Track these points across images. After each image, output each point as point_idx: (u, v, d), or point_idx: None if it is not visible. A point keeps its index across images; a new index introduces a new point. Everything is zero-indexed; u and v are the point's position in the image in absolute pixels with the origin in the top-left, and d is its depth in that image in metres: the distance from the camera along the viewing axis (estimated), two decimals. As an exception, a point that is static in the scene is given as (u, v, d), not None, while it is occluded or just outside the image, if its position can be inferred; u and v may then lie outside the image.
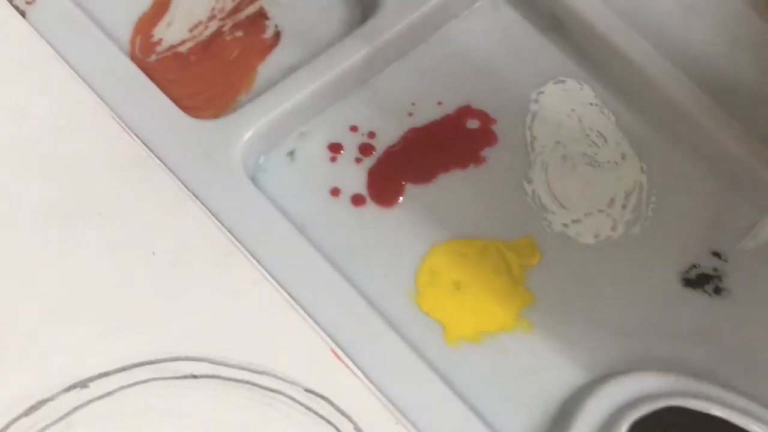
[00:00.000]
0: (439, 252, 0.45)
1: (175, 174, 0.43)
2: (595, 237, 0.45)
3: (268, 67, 0.48)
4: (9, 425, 0.38)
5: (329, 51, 0.47)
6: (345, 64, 0.47)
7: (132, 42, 0.49)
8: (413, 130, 0.48)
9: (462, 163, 0.47)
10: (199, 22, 0.50)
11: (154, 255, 0.42)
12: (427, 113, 0.48)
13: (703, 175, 0.47)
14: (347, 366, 0.40)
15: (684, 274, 0.45)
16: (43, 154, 0.44)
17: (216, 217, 0.42)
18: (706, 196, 0.46)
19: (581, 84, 0.49)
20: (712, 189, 0.46)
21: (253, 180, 0.45)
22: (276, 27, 0.50)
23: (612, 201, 0.46)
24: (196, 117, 0.45)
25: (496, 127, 0.48)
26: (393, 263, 0.44)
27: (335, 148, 0.47)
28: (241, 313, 0.41)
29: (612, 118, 0.48)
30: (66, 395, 0.39)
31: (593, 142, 0.48)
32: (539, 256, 0.45)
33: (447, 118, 0.48)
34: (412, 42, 0.49)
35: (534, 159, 0.47)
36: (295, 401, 0.39)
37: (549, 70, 0.49)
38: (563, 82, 0.49)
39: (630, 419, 0.40)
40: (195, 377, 0.39)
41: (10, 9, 0.47)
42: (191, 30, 0.49)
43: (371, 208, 0.46)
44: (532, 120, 0.48)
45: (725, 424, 0.40)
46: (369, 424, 0.39)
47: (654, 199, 0.46)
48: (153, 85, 0.46)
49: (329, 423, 0.39)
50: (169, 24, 0.49)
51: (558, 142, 0.48)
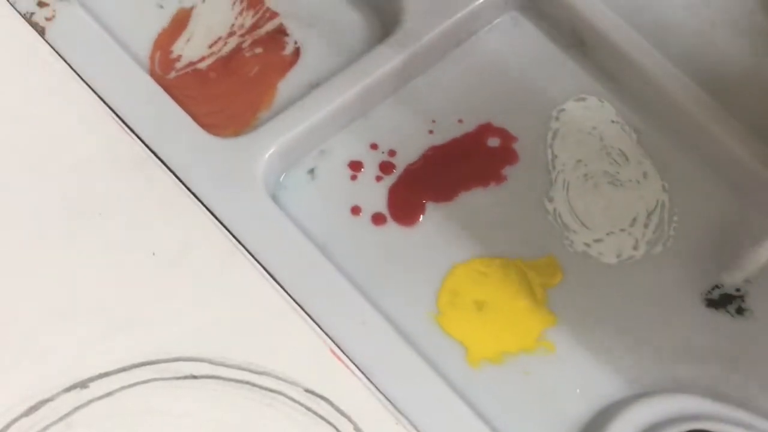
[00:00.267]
0: (461, 271, 0.44)
1: (196, 193, 0.43)
2: (618, 257, 0.45)
3: (288, 84, 0.48)
4: (9, 425, 0.38)
5: (349, 68, 0.47)
6: (365, 81, 0.47)
7: (151, 58, 0.49)
8: (434, 147, 0.47)
9: (483, 182, 0.47)
10: (219, 38, 0.49)
11: (154, 255, 0.42)
12: (448, 131, 0.48)
13: (725, 195, 0.47)
14: (347, 366, 0.40)
15: (707, 294, 0.44)
16: (44, 154, 0.44)
17: (239, 240, 0.42)
18: (728, 215, 0.46)
19: (602, 101, 0.49)
20: (734, 209, 0.46)
21: (274, 198, 0.45)
22: (296, 43, 0.49)
23: (634, 220, 0.46)
24: (216, 135, 0.45)
25: (517, 145, 0.47)
26: (414, 283, 0.44)
27: (355, 166, 0.47)
28: (242, 314, 0.41)
29: (633, 136, 0.48)
30: (66, 395, 0.39)
31: (615, 160, 0.47)
32: (561, 275, 0.45)
33: (467, 135, 0.48)
34: (432, 59, 0.49)
35: (555, 177, 0.47)
36: (295, 401, 0.39)
37: (570, 87, 0.49)
38: (584, 99, 0.49)
39: (654, 442, 0.40)
40: (195, 377, 0.39)
41: (27, 27, 0.46)
42: (210, 46, 0.49)
43: (392, 226, 0.45)
44: (553, 138, 0.48)
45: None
46: (369, 424, 0.39)
47: (676, 219, 0.46)
48: (173, 103, 0.45)
49: (329, 423, 0.39)
50: (189, 40, 0.49)
51: (579, 160, 0.47)
